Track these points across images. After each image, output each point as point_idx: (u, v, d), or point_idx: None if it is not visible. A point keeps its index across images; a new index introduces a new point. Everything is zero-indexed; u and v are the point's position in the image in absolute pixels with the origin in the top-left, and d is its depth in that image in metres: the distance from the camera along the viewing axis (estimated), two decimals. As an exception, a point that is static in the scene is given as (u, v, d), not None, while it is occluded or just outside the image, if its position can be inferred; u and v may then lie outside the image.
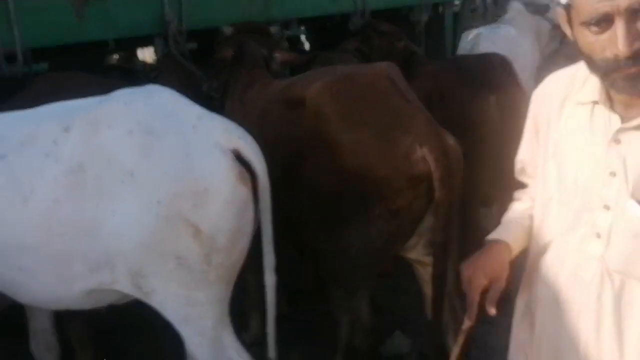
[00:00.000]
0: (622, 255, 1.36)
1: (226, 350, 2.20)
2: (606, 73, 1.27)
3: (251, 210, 2.11)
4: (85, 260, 2.05)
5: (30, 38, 3.45)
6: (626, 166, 1.35)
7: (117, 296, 2.21)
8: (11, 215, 2.05)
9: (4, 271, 2.15)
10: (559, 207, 1.50)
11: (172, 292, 2.08)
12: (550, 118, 1.52)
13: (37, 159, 2.05)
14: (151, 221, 1.94)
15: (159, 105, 2.10)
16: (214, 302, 2.12)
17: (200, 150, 1.99)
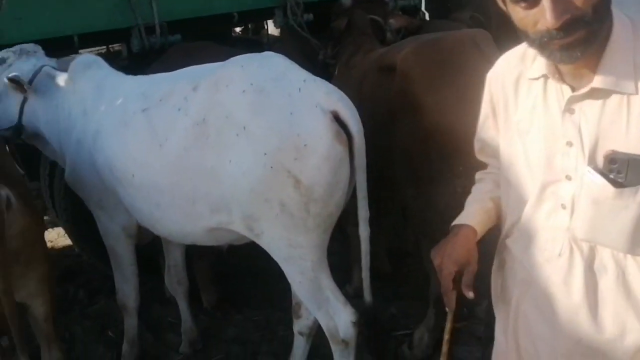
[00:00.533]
0: (587, 223, 1.35)
1: (324, 290, 2.44)
2: (542, 46, 1.26)
3: (346, 166, 2.29)
4: (207, 201, 2.36)
5: (166, 12, 3.80)
6: (581, 134, 1.33)
7: (235, 236, 2.50)
8: (150, 159, 2.43)
9: (145, 207, 2.55)
10: (524, 184, 1.48)
11: (277, 235, 2.33)
12: (508, 98, 1.51)
13: (171, 113, 2.39)
14: (259, 170, 2.19)
15: (270, 69, 2.33)
16: (312, 246, 2.34)
17: (303, 110, 2.20)
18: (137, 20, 3.66)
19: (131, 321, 3.09)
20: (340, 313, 2.45)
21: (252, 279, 4.01)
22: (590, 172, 1.30)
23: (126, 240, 2.87)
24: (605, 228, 1.32)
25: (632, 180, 1.26)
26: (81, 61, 2.97)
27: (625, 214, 1.28)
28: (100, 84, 2.81)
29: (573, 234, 1.38)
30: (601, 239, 1.34)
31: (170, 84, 2.49)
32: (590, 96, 1.31)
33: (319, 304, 2.46)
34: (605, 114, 1.30)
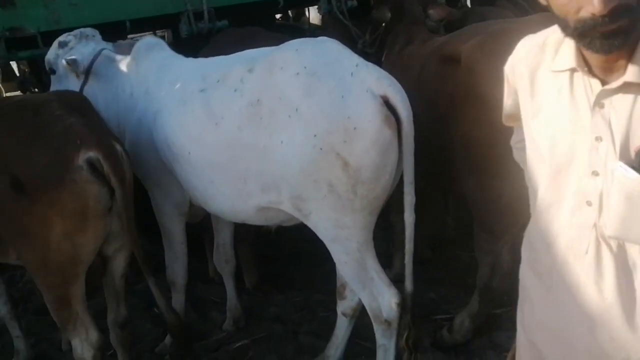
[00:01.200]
0: (617, 219, 1.31)
1: (368, 270, 2.49)
2: (582, 33, 1.21)
3: (394, 151, 2.33)
4: (258, 180, 2.43)
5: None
6: (612, 129, 1.30)
7: (284, 216, 2.57)
8: (206, 137, 2.51)
9: (199, 183, 2.64)
10: (545, 180, 1.45)
11: (324, 215, 2.38)
12: (526, 89, 1.48)
13: (227, 93, 2.47)
14: (309, 151, 2.25)
15: (324, 53, 2.38)
16: (358, 227, 2.39)
17: (354, 93, 2.24)
18: (187, 6, 3.74)
19: (179, 297, 3.18)
20: (384, 294, 2.50)
21: (293, 261, 4.09)
22: (623, 167, 1.27)
23: (178, 218, 2.96)
24: (636, 224, 1.29)
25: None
26: (145, 43, 3.08)
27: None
28: (162, 65, 2.91)
29: (601, 232, 1.34)
30: (631, 236, 1.31)
31: (227, 66, 2.57)
32: (621, 90, 1.28)
33: (364, 284, 2.51)
34: (636, 109, 1.27)
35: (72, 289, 2.44)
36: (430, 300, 3.55)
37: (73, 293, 2.45)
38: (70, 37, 3.15)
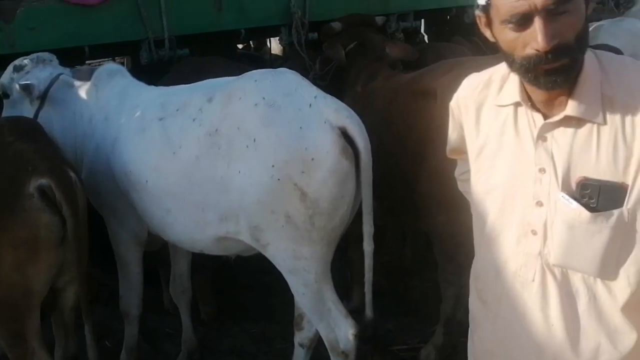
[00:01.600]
0: (560, 248, 1.36)
1: (326, 302, 2.49)
2: (528, 69, 1.27)
3: (352, 182, 2.35)
4: (216, 210, 2.42)
5: (176, 27, 3.86)
6: (554, 161, 1.35)
7: (242, 246, 2.55)
8: (164, 166, 2.50)
9: (156, 212, 2.61)
10: (492, 210, 1.49)
11: (282, 246, 2.38)
12: (472, 124, 1.54)
13: (186, 122, 2.48)
14: (266, 182, 2.25)
15: (283, 84, 2.40)
16: (316, 259, 2.39)
17: (312, 125, 2.27)
18: (147, 33, 3.71)
19: (132, 329, 3.10)
20: (342, 325, 2.49)
21: (250, 292, 4.05)
22: (565, 197, 1.33)
23: (135, 247, 2.91)
24: (578, 253, 1.34)
25: (604, 205, 1.30)
26: (106, 69, 3.05)
27: (599, 238, 1.31)
28: (123, 92, 2.89)
29: (546, 260, 1.39)
30: (574, 264, 1.36)
31: (187, 95, 2.58)
32: (562, 124, 1.34)
33: (321, 315, 2.50)
34: (576, 142, 1.33)
35: (27, 323, 2.35)
36: (388, 331, 3.55)
37: (28, 327, 2.35)
38: (26, 61, 3.09)
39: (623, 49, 4.10)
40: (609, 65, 1.35)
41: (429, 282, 3.82)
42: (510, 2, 1.23)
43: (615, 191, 1.29)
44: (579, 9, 1.24)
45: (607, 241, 1.30)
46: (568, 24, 1.23)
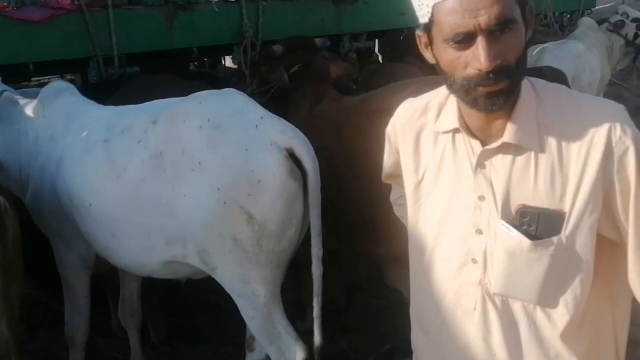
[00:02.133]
0: (500, 277, 1.34)
1: (276, 325, 2.44)
2: (468, 90, 1.26)
3: (300, 203, 2.32)
4: (162, 233, 2.36)
5: (126, 44, 3.80)
6: (493, 189, 1.34)
7: (191, 270, 2.50)
8: (108, 188, 2.42)
9: (101, 236, 2.53)
10: (431, 239, 1.48)
11: (230, 269, 2.33)
12: (411, 151, 1.52)
13: (131, 144, 2.41)
14: (212, 205, 2.21)
15: (228, 105, 2.37)
16: (265, 282, 2.35)
17: (258, 146, 2.24)
18: (96, 50, 3.64)
19: (77, 355, 2.99)
20: (291, 348, 2.45)
21: (202, 313, 3.96)
22: (504, 225, 1.32)
23: (83, 271, 2.82)
24: (518, 281, 1.33)
25: (543, 232, 1.30)
26: (53, 87, 2.95)
27: (539, 266, 1.31)
28: (71, 111, 2.80)
29: (486, 289, 1.38)
30: (514, 292, 1.35)
31: (132, 117, 2.51)
32: (500, 151, 1.34)
33: (271, 339, 2.46)
34: (515, 169, 1.33)
35: None
36: (342, 350, 3.53)
37: None
38: (-35, 79, 2.97)
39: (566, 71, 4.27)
40: (542, 92, 1.36)
41: (383, 299, 3.85)
42: (455, 20, 1.22)
43: (554, 218, 1.29)
44: (520, 32, 1.25)
45: (547, 269, 1.30)
46: (510, 47, 1.23)
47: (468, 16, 1.20)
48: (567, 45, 5.30)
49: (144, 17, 3.90)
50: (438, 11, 1.25)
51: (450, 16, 1.22)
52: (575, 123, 1.30)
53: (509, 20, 1.21)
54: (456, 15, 1.21)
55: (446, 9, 1.23)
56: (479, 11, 1.19)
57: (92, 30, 3.61)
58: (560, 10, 7.39)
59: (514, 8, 1.23)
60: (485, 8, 1.19)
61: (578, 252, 1.30)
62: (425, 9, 1.28)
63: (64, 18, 3.53)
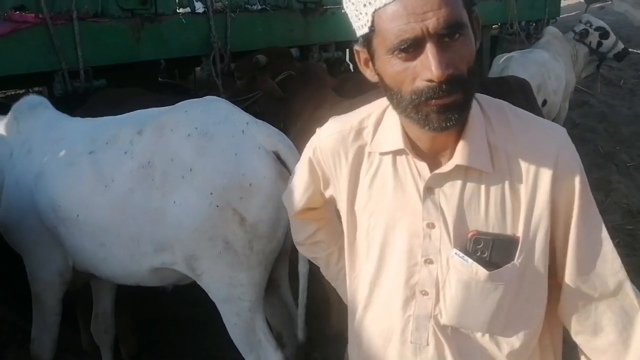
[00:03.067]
0: (454, 308, 1.29)
1: (257, 332, 2.55)
2: (418, 106, 1.16)
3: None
4: (151, 241, 2.47)
5: (91, 57, 3.85)
6: (444, 214, 1.27)
7: (178, 276, 2.61)
8: (96, 199, 2.51)
9: (89, 246, 2.60)
10: (372, 272, 1.39)
11: (218, 273, 2.44)
12: (341, 176, 1.42)
13: (117, 155, 2.52)
14: (205, 209, 2.34)
15: (214, 113, 2.50)
16: (253, 284, 2.48)
17: (246, 151, 2.38)
18: (61, 64, 3.66)
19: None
20: (270, 357, 2.55)
21: (174, 327, 3.96)
22: (458, 254, 1.26)
23: (58, 287, 2.86)
24: (472, 311, 1.28)
25: (497, 259, 1.25)
26: (27, 101, 3.02)
27: (493, 296, 1.26)
28: (47, 124, 2.87)
29: (437, 321, 1.31)
30: (466, 323, 1.30)
31: (116, 128, 2.62)
32: (450, 174, 1.27)
33: (251, 346, 2.55)
34: (466, 194, 1.27)
35: None
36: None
37: None
38: None
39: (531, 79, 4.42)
40: (488, 109, 1.31)
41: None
42: (398, 25, 1.12)
43: (508, 244, 1.25)
44: (471, 40, 1.18)
45: (500, 297, 1.27)
46: (461, 55, 1.14)
47: (414, 20, 1.10)
48: (533, 54, 5.48)
49: (110, 30, 3.97)
50: (379, 18, 1.16)
51: (394, 22, 1.12)
52: (522, 146, 1.27)
53: (459, 24, 1.13)
54: (400, 20, 1.12)
55: (389, 14, 1.13)
56: (425, 14, 1.10)
57: (57, 44, 3.66)
58: (526, 19, 7.60)
59: (463, 13, 1.15)
60: (432, 10, 1.10)
61: (531, 279, 1.27)
62: (364, 18, 1.18)
63: (27, 32, 3.58)
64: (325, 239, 1.70)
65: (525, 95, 3.67)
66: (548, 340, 1.40)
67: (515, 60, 5.24)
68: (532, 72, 5.01)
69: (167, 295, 3.92)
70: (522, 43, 7.02)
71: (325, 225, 1.69)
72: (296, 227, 1.73)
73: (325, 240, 1.70)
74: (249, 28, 4.61)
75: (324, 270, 1.76)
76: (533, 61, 5.28)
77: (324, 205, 1.63)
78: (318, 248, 1.70)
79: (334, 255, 1.70)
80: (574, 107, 7.21)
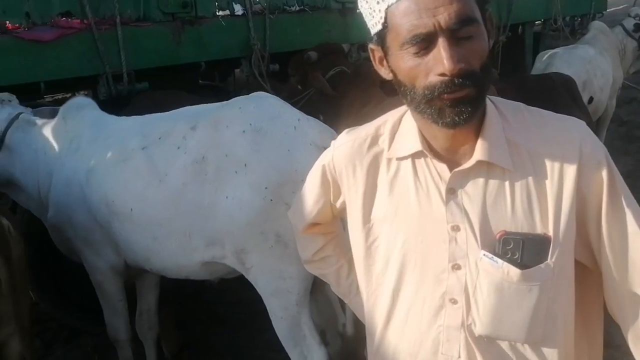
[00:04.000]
0: (487, 315, 1.25)
1: (302, 327, 2.64)
2: (431, 101, 1.18)
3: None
4: (202, 236, 2.60)
5: (134, 61, 4.03)
6: (468, 216, 1.25)
7: (227, 270, 2.73)
8: (150, 193, 2.65)
9: (141, 240, 2.75)
10: (393, 283, 1.35)
11: (268, 267, 2.55)
12: (360, 186, 1.40)
13: (170, 150, 2.65)
14: (259, 203, 2.46)
15: (267, 109, 2.62)
16: (301, 278, 2.56)
17: (299, 147, 2.50)
18: (105, 68, 3.82)
19: (124, 353, 3.21)
20: (314, 353, 2.63)
21: (214, 326, 4.07)
22: (487, 255, 1.23)
23: (114, 277, 3.02)
24: (506, 318, 1.24)
25: (529, 260, 1.22)
26: (75, 102, 3.19)
27: (529, 299, 1.23)
28: (95, 123, 3.04)
29: (470, 331, 1.27)
30: (502, 332, 1.25)
31: (167, 124, 2.76)
32: (472, 172, 1.26)
33: (296, 341, 2.64)
34: (489, 193, 1.25)
35: None
36: None
37: None
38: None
39: (576, 76, 4.36)
40: (504, 109, 1.32)
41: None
42: (411, 20, 1.15)
43: (539, 243, 1.22)
44: (483, 36, 1.20)
45: (536, 301, 1.23)
46: (473, 51, 1.17)
47: (426, 15, 1.13)
48: (578, 50, 5.40)
49: (152, 34, 4.18)
50: (392, 14, 1.19)
51: (407, 17, 1.16)
52: (543, 141, 1.27)
53: (471, 19, 1.16)
54: (413, 16, 1.15)
55: (401, 10, 1.17)
56: (437, 9, 1.13)
57: (101, 48, 3.86)
58: (571, 14, 7.49)
59: (475, 9, 1.18)
60: (444, 6, 1.13)
61: (565, 278, 1.25)
62: (378, 15, 1.22)
63: (73, 37, 3.79)
64: (333, 253, 1.70)
65: (570, 92, 3.62)
66: None
67: (559, 56, 5.17)
68: (577, 68, 4.94)
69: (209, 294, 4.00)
70: (567, 39, 6.90)
71: (333, 240, 1.70)
72: (303, 243, 1.72)
73: (334, 255, 1.69)
74: (287, 29, 4.76)
75: (335, 286, 1.74)
76: (578, 57, 5.20)
77: (332, 220, 1.64)
78: (326, 263, 1.70)
79: (344, 268, 1.69)
80: (622, 104, 7.07)
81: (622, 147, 6.57)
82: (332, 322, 2.95)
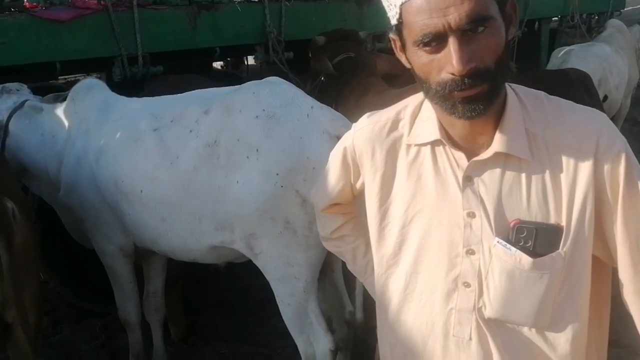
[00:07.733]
0: (498, 300, 1.28)
1: (309, 314, 2.66)
2: (443, 97, 1.21)
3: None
4: (212, 219, 2.61)
5: (150, 44, 4.03)
6: (484, 203, 1.29)
7: (235, 255, 2.74)
8: (160, 175, 2.66)
9: (150, 221, 2.76)
10: (409, 265, 1.39)
11: (276, 253, 2.56)
12: (378, 169, 1.44)
13: (182, 133, 2.66)
14: (269, 189, 2.46)
15: (280, 96, 2.60)
16: (309, 264, 2.58)
17: (311, 134, 2.49)
18: (121, 50, 3.83)
19: (134, 336, 3.25)
20: (320, 340, 2.65)
21: (222, 311, 4.09)
22: (501, 242, 1.27)
23: (124, 260, 3.05)
24: (516, 303, 1.28)
25: (541, 249, 1.25)
26: (84, 84, 3.20)
27: (539, 286, 1.26)
28: (104, 104, 3.05)
29: (481, 314, 1.32)
30: (511, 316, 1.30)
31: (180, 107, 2.76)
32: (489, 163, 1.29)
33: (302, 328, 2.66)
34: (505, 182, 1.28)
35: None
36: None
37: None
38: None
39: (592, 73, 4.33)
40: (526, 99, 1.33)
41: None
42: (422, 20, 1.16)
43: (552, 233, 1.26)
44: (498, 31, 1.20)
45: (546, 288, 1.27)
46: (486, 47, 1.17)
47: (436, 15, 1.15)
48: (594, 48, 5.37)
49: (168, 17, 4.17)
50: (406, 11, 1.21)
51: (418, 16, 1.17)
52: (562, 132, 1.28)
53: (483, 18, 1.16)
54: (424, 15, 1.16)
55: (413, 8, 1.19)
56: (447, 9, 1.14)
57: (117, 30, 3.86)
58: (588, 11, 7.44)
59: (490, 4, 1.18)
60: (454, 5, 1.13)
61: (577, 269, 1.27)
62: (394, 10, 1.24)
63: (90, 17, 3.79)
64: (351, 232, 1.73)
65: (586, 88, 3.60)
66: None
67: (575, 53, 5.14)
68: (593, 66, 4.92)
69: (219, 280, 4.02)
70: (583, 37, 6.85)
71: (352, 220, 1.73)
72: (323, 222, 1.76)
73: (351, 234, 1.73)
74: (303, 17, 4.74)
75: (351, 264, 1.78)
76: (594, 55, 5.17)
77: (352, 201, 1.66)
78: (343, 242, 1.73)
79: (361, 248, 1.72)
80: (636, 103, 7.02)
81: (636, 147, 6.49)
82: (339, 310, 2.97)
